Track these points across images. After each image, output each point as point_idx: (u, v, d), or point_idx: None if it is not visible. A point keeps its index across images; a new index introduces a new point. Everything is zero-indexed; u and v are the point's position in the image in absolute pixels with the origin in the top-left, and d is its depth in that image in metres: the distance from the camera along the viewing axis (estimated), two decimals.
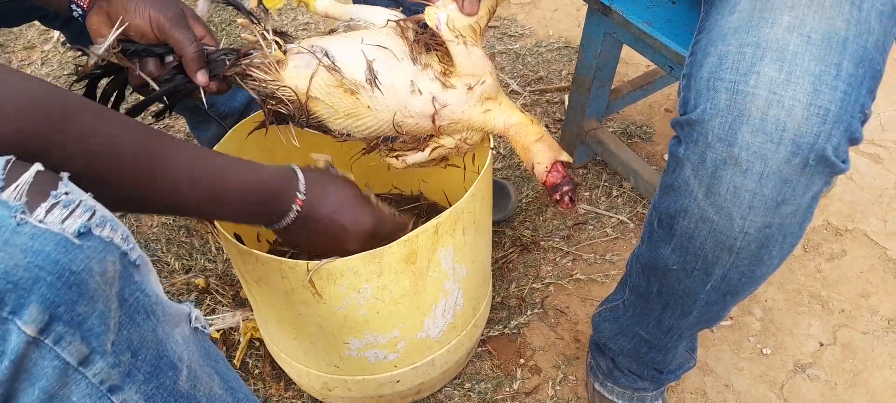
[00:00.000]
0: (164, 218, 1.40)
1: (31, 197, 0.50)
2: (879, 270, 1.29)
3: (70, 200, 0.52)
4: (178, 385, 0.60)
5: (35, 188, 0.50)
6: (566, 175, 0.78)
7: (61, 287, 0.49)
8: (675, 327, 0.84)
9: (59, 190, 0.52)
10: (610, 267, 1.30)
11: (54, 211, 0.50)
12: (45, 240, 0.49)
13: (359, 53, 0.77)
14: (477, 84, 0.78)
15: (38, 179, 0.51)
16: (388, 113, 0.79)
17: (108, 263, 0.53)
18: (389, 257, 0.80)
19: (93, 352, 0.52)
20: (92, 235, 0.52)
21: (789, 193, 0.63)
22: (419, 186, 1.27)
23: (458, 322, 0.99)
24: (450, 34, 0.74)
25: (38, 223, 0.49)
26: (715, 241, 0.68)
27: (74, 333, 0.51)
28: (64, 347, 0.51)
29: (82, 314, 0.51)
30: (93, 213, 0.53)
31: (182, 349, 0.61)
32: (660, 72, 1.47)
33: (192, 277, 1.29)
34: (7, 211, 0.49)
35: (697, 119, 0.64)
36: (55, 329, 0.50)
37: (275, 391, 1.13)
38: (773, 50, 0.61)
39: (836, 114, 0.60)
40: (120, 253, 0.54)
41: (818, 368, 1.16)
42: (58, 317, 0.50)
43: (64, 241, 0.50)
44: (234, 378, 0.70)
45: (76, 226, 0.51)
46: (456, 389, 1.13)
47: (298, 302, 0.84)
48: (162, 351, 0.58)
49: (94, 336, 0.52)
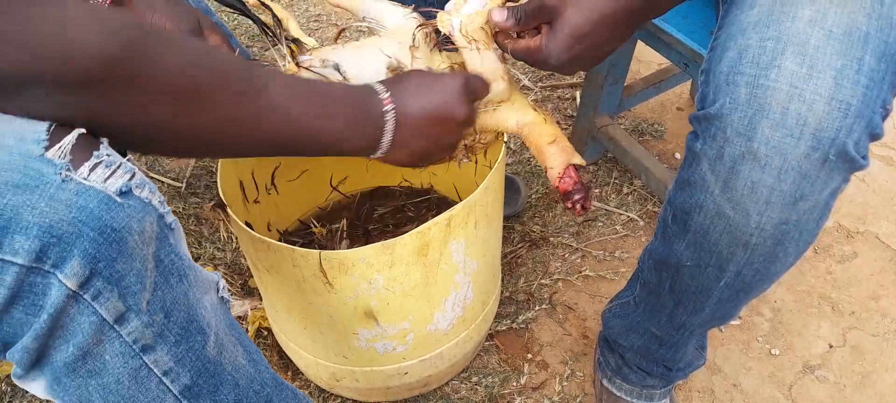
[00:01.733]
0: (173, 206, 1.40)
1: (75, 155, 0.51)
2: (890, 273, 1.29)
3: (112, 161, 0.52)
4: (206, 349, 0.60)
5: (78, 149, 0.51)
6: (579, 181, 0.77)
7: (103, 242, 0.50)
8: (686, 324, 0.84)
9: (101, 150, 0.52)
10: (619, 264, 1.30)
11: (97, 170, 0.51)
12: (89, 197, 0.50)
13: (372, 70, 0.77)
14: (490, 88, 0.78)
15: (81, 141, 0.52)
16: None
17: (147, 223, 0.53)
18: (401, 248, 0.80)
19: (129, 310, 0.53)
20: (132, 195, 0.52)
21: (808, 189, 0.62)
22: (430, 180, 1.27)
23: (467, 315, 0.99)
24: (463, 40, 0.74)
25: (82, 180, 0.50)
26: (730, 237, 0.68)
27: (112, 290, 0.52)
28: (101, 303, 0.52)
29: (121, 271, 0.52)
30: (133, 175, 0.53)
31: (210, 315, 0.62)
32: (672, 70, 1.46)
33: (201, 265, 1.29)
34: (52, 169, 0.50)
35: (716, 113, 0.64)
36: (94, 284, 0.51)
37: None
38: (794, 44, 0.60)
39: (857, 108, 0.59)
40: (157, 215, 0.55)
41: (827, 369, 1.15)
42: (98, 273, 0.50)
43: (107, 199, 0.51)
44: (256, 350, 0.70)
45: (118, 185, 0.52)
46: (463, 382, 1.13)
47: (309, 290, 0.84)
48: (192, 315, 0.59)
49: (130, 294, 0.53)
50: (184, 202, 1.42)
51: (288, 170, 1.13)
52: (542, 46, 0.70)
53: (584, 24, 0.68)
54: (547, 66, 0.72)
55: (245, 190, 1.03)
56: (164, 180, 1.47)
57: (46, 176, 0.49)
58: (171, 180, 1.47)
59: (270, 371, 0.71)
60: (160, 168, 1.50)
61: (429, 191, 1.28)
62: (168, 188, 1.45)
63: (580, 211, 0.76)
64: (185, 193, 1.44)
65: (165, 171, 1.49)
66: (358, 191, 1.28)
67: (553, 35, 0.69)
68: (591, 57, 0.71)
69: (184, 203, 1.41)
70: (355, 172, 1.25)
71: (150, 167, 1.50)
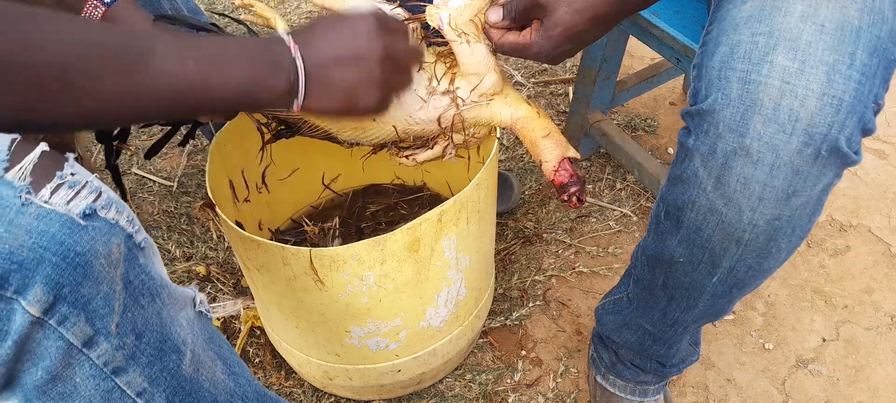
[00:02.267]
0: (165, 206, 1.40)
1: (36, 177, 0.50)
2: (883, 266, 1.29)
3: (76, 181, 0.51)
4: (181, 368, 0.60)
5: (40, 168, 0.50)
6: (574, 174, 0.77)
7: (66, 268, 0.49)
8: (680, 320, 0.84)
9: (64, 170, 0.51)
10: (613, 259, 1.30)
11: (60, 191, 0.50)
12: (50, 221, 0.49)
13: None
14: (482, 81, 0.77)
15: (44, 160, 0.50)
16: (393, 123, 0.78)
17: (113, 245, 0.52)
18: (392, 245, 0.80)
19: (97, 334, 0.52)
20: (97, 216, 0.51)
21: (800, 185, 0.62)
22: (422, 176, 1.27)
23: (460, 312, 0.98)
24: (452, 33, 0.73)
25: (43, 204, 0.49)
26: (723, 233, 0.68)
27: (79, 314, 0.51)
28: (68, 328, 0.51)
29: (87, 295, 0.51)
30: (98, 195, 0.52)
31: (186, 332, 0.61)
32: (665, 65, 1.46)
33: (192, 265, 1.28)
34: (11, 192, 0.48)
35: (708, 109, 0.63)
36: (60, 309, 0.50)
37: (275, 379, 1.13)
38: (786, 39, 0.60)
39: (849, 104, 0.59)
40: (125, 236, 0.54)
41: (820, 363, 1.15)
42: (62, 298, 0.49)
43: (69, 222, 0.49)
44: (237, 363, 0.69)
45: (82, 207, 0.51)
46: (457, 380, 1.13)
47: (300, 289, 0.84)
48: (166, 334, 0.58)
49: (98, 317, 0.52)
50: (175, 201, 1.41)
51: (279, 169, 1.12)
52: (531, 42, 0.71)
53: (577, 24, 0.69)
54: (534, 59, 0.73)
55: (235, 189, 1.03)
56: (156, 179, 1.46)
57: (5, 199, 0.48)
58: (162, 179, 1.46)
59: (253, 383, 0.71)
60: (151, 167, 1.49)
61: (421, 188, 1.27)
62: (159, 187, 1.44)
63: (576, 203, 0.76)
64: (177, 192, 1.43)
65: (157, 170, 1.48)
66: (350, 189, 1.27)
67: (544, 32, 0.70)
68: (578, 50, 0.73)
69: (175, 202, 1.41)
70: (348, 170, 1.24)
71: (140, 166, 1.49)
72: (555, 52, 0.71)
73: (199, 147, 1.53)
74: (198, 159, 1.51)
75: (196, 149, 1.53)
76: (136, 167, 1.49)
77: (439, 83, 0.77)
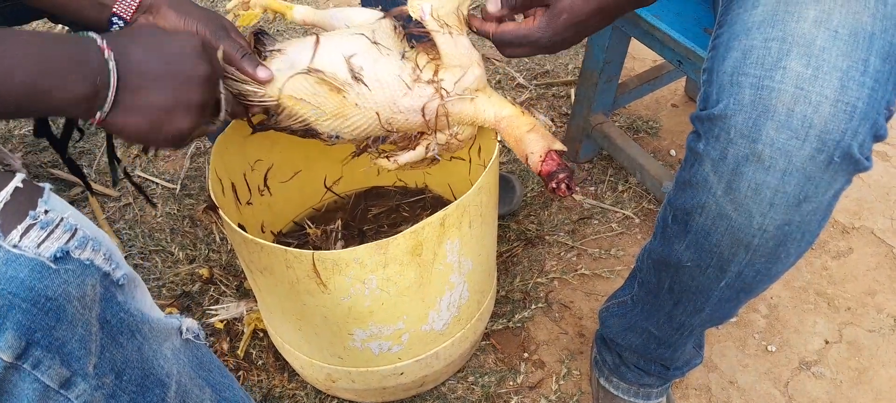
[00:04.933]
0: (168, 208, 1.40)
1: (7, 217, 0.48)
2: (886, 268, 1.29)
3: (48, 220, 0.50)
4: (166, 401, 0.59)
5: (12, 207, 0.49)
6: (561, 162, 0.77)
7: (37, 313, 0.48)
8: (686, 324, 0.84)
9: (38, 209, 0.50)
10: (615, 262, 1.30)
11: (30, 233, 0.49)
12: (18, 266, 0.47)
13: (340, 50, 0.76)
14: (465, 74, 0.77)
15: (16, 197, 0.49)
16: (376, 109, 0.77)
17: (88, 286, 0.51)
18: (395, 248, 0.80)
19: (74, 375, 0.51)
20: (70, 258, 0.50)
21: (811, 191, 0.62)
22: (424, 179, 1.27)
23: (462, 315, 0.98)
24: (434, 24, 0.73)
25: (11, 248, 0.48)
26: (732, 238, 0.67)
27: (53, 357, 0.50)
28: (43, 371, 0.50)
29: (61, 338, 0.50)
30: (73, 233, 0.51)
31: (171, 364, 0.60)
32: (667, 67, 1.46)
33: (196, 267, 1.28)
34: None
35: (720, 114, 0.63)
36: (33, 354, 0.49)
37: (278, 382, 1.13)
38: (799, 45, 0.60)
39: (863, 110, 0.59)
40: (101, 275, 0.53)
41: (823, 366, 1.15)
42: (35, 343, 0.48)
43: (39, 266, 0.48)
44: (228, 386, 0.68)
45: (53, 250, 0.49)
46: (459, 382, 1.13)
47: (303, 291, 0.84)
48: (148, 370, 0.57)
49: (74, 359, 0.51)
50: (178, 204, 1.41)
51: (281, 172, 1.12)
52: (533, 28, 0.71)
53: (582, 13, 0.69)
54: (533, 48, 0.73)
55: (237, 192, 1.03)
56: (159, 182, 1.46)
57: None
58: (165, 182, 1.46)
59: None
60: (154, 170, 1.49)
61: (423, 190, 1.27)
62: (162, 189, 1.44)
63: (564, 191, 0.75)
64: (180, 195, 1.43)
65: (159, 173, 1.48)
66: (352, 191, 1.27)
67: (548, 18, 0.70)
68: (578, 40, 0.73)
69: (178, 204, 1.41)
70: (350, 173, 1.24)
71: (144, 169, 1.49)
72: (556, 38, 0.71)
73: (202, 149, 1.53)
74: (200, 162, 1.51)
75: (199, 152, 1.53)
76: (140, 170, 1.49)
77: (422, 71, 0.77)
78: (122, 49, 0.59)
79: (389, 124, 0.79)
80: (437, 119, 0.79)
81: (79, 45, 0.57)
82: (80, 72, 0.56)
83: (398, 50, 0.77)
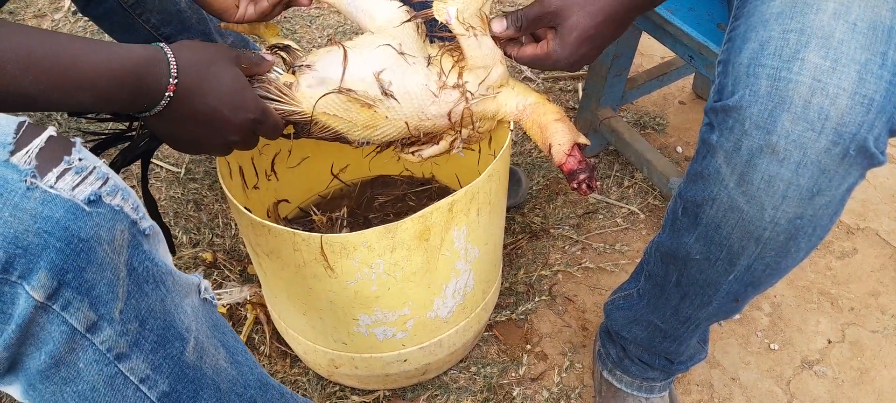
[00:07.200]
0: (172, 192, 1.40)
1: (43, 162, 0.49)
2: (890, 269, 1.29)
3: (82, 166, 0.51)
4: (184, 355, 0.59)
5: (47, 153, 0.50)
6: (584, 160, 0.77)
7: (70, 253, 0.49)
8: (692, 317, 0.84)
9: (72, 155, 0.51)
10: (619, 256, 1.30)
11: (66, 177, 0.50)
12: (55, 206, 0.49)
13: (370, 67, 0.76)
14: (490, 73, 0.77)
15: (51, 144, 0.50)
16: (405, 119, 0.78)
17: (118, 231, 0.52)
18: (403, 233, 0.80)
19: (100, 319, 0.52)
20: (102, 203, 0.51)
21: (825, 184, 0.62)
22: (431, 169, 1.27)
23: (467, 303, 0.98)
24: (460, 28, 0.73)
25: (48, 188, 0.49)
26: (743, 231, 0.67)
27: (82, 300, 0.51)
28: (72, 313, 0.51)
29: (90, 281, 0.51)
30: (105, 181, 0.52)
31: (190, 320, 0.61)
32: (676, 63, 1.46)
33: (199, 251, 1.28)
34: (17, 175, 0.48)
35: (735, 105, 0.63)
36: (63, 294, 0.50)
37: (280, 367, 1.13)
38: (818, 37, 0.60)
39: (880, 104, 0.59)
40: (130, 222, 0.54)
41: (825, 365, 1.15)
42: (66, 283, 0.49)
43: (74, 208, 0.49)
44: (241, 350, 0.69)
45: (87, 193, 0.50)
46: (462, 372, 1.13)
47: (309, 275, 0.84)
48: (170, 322, 0.58)
49: (102, 303, 0.52)
50: (183, 188, 1.41)
51: (288, 157, 1.12)
52: (550, 52, 0.72)
53: (591, 27, 0.69)
54: (554, 69, 0.73)
55: (245, 175, 1.03)
56: (163, 165, 1.46)
57: (11, 183, 0.48)
58: (170, 166, 1.46)
59: (257, 371, 0.70)
60: (159, 154, 1.49)
61: (430, 180, 1.27)
62: (166, 174, 1.44)
63: (585, 190, 0.75)
64: (184, 179, 1.43)
65: (164, 157, 1.48)
66: (359, 179, 1.27)
67: (561, 40, 0.71)
68: (597, 53, 0.73)
69: (183, 189, 1.41)
70: (356, 161, 1.24)
71: None
72: (573, 57, 0.71)
73: None
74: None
75: None
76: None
77: (448, 77, 0.77)
78: (187, 83, 0.66)
79: (418, 130, 0.80)
80: (462, 120, 0.79)
81: (144, 72, 0.63)
82: (134, 100, 0.63)
83: (423, 55, 0.77)
